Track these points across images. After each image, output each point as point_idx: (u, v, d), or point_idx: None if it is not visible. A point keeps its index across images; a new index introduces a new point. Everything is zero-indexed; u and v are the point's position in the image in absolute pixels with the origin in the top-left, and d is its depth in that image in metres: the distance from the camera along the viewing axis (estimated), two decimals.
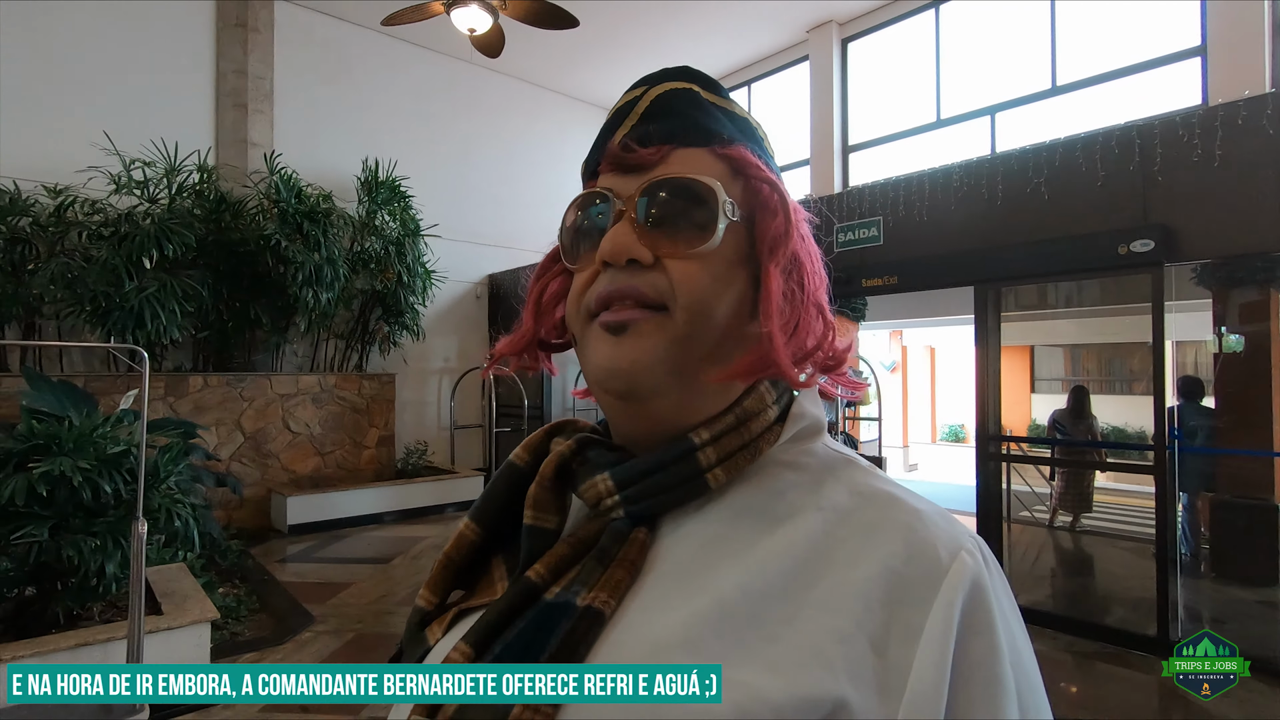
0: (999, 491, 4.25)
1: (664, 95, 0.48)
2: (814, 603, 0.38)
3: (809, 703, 0.35)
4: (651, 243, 0.44)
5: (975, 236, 4.28)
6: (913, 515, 0.41)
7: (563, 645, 0.39)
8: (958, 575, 0.38)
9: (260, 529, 6.25)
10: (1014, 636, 0.40)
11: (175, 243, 5.52)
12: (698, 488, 0.43)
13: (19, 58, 5.92)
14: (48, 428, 3.12)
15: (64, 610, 3.02)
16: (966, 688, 0.37)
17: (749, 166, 0.46)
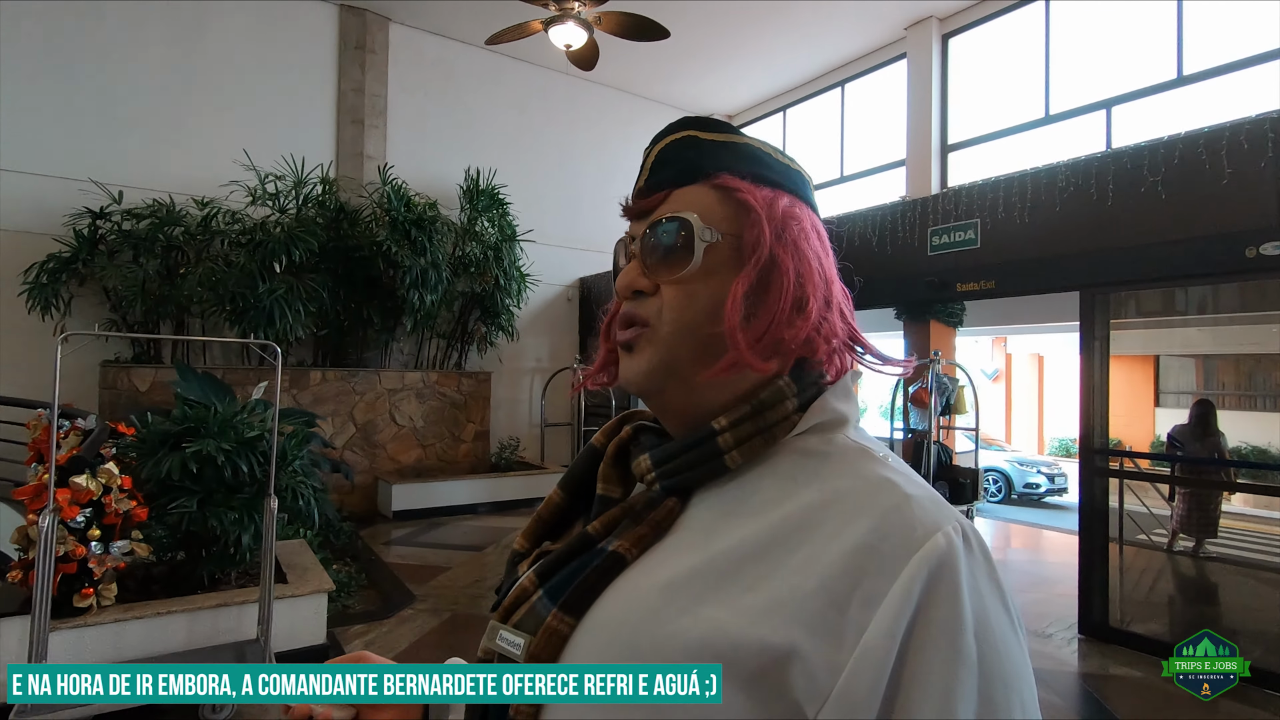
0: (1104, 509, 4.00)
1: (666, 148, 0.58)
2: (790, 566, 0.44)
3: (764, 645, 0.41)
4: (651, 273, 0.54)
5: (1081, 239, 4.06)
6: (901, 499, 0.45)
7: (590, 579, 0.49)
8: (929, 551, 0.42)
9: (368, 513, 6.75)
10: (986, 615, 0.42)
11: (301, 249, 6.08)
12: (718, 467, 0.51)
13: (172, 87, 6.69)
14: (197, 413, 3.55)
15: (208, 574, 3.43)
16: (921, 653, 0.40)
17: (732, 190, 0.54)
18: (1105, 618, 3.98)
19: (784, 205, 0.55)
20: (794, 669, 0.41)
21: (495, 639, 0.52)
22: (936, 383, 6.94)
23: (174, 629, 3.08)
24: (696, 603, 0.45)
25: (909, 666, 0.40)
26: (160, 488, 3.33)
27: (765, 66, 8.88)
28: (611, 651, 0.46)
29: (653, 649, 0.44)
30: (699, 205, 0.54)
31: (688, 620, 0.44)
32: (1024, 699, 0.42)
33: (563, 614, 0.48)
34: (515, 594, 0.54)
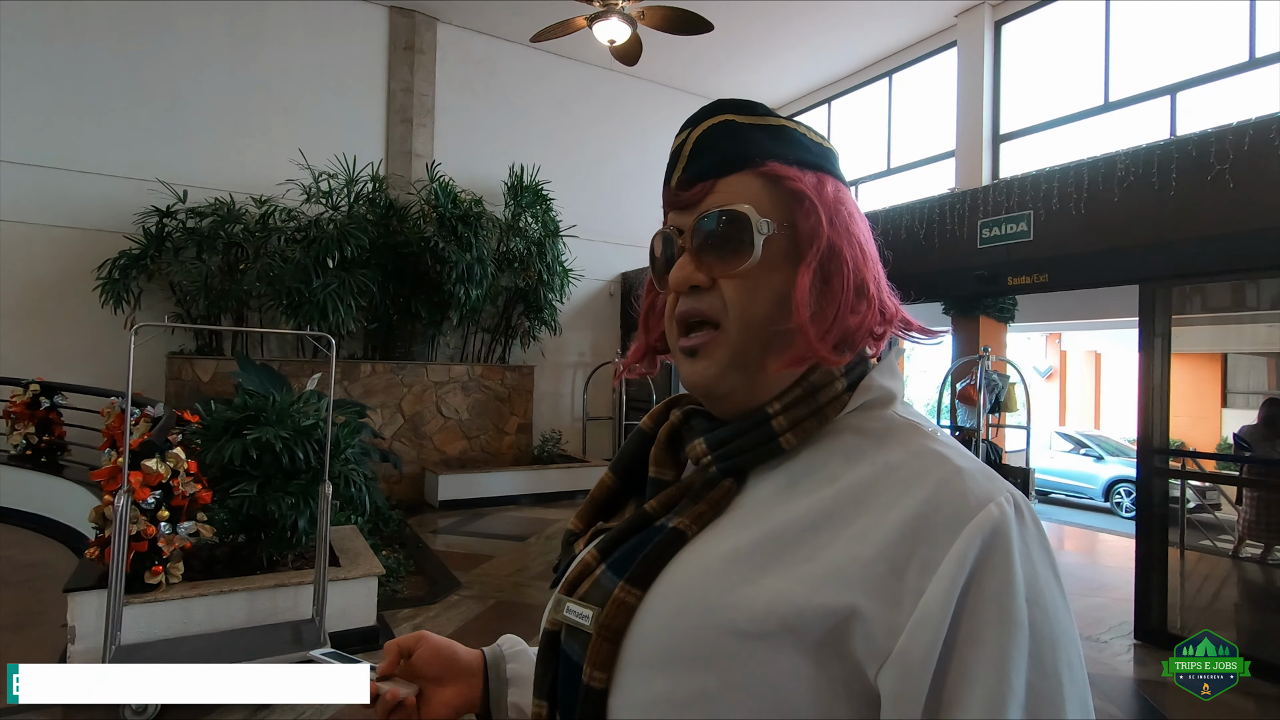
0: (1163, 511, 3.86)
1: (703, 135, 0.56)
2: (847, 536, 0.46)
3: (825, 609, 0.43)
4: (706, 268, 0.54)
5: (1142, 231, 3.90)
6: (953, 471, 0.46)
7: (653, 553, 0.51)
8: (982, 520, 0.43)
9: (416, 502, 6.93)
10: (1037, 581, 0.44)
11: (353, 245, 6.28)
12: (773, 449, 0.53)
13: (233, 91, 6.97)
14: (256, 402, 3.71)
15: (266, 556, 3.59)
16: (976, 616, 0.42)
17: (782, 179, 0.54)
18: (1164, 623, 3.84)
19: (831, 190, 0.55)
20: (855, 631, 0.43)
21: (563, 611, 0.55)
22: (986, 380, 6.76)
23: (235, 607, 3.24)
24: (759, 573, 0.47)
25: (964, 629, 0.41)
26: (223, 472, 3.50)
27: (811, 58, 8.75)
28: (679, 621, 0.48)
29: (716, 619, 0.46)
30: (750, 196, 0.53)
31: (751, 590, 0.46)
32: (1071, 662, 0.43)
33: (630, 586, 0.50)
34: (578, 569, 0.57)
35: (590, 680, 0.49)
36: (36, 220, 6.14)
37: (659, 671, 0.47)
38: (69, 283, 6.19)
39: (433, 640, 0.70)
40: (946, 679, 0.41)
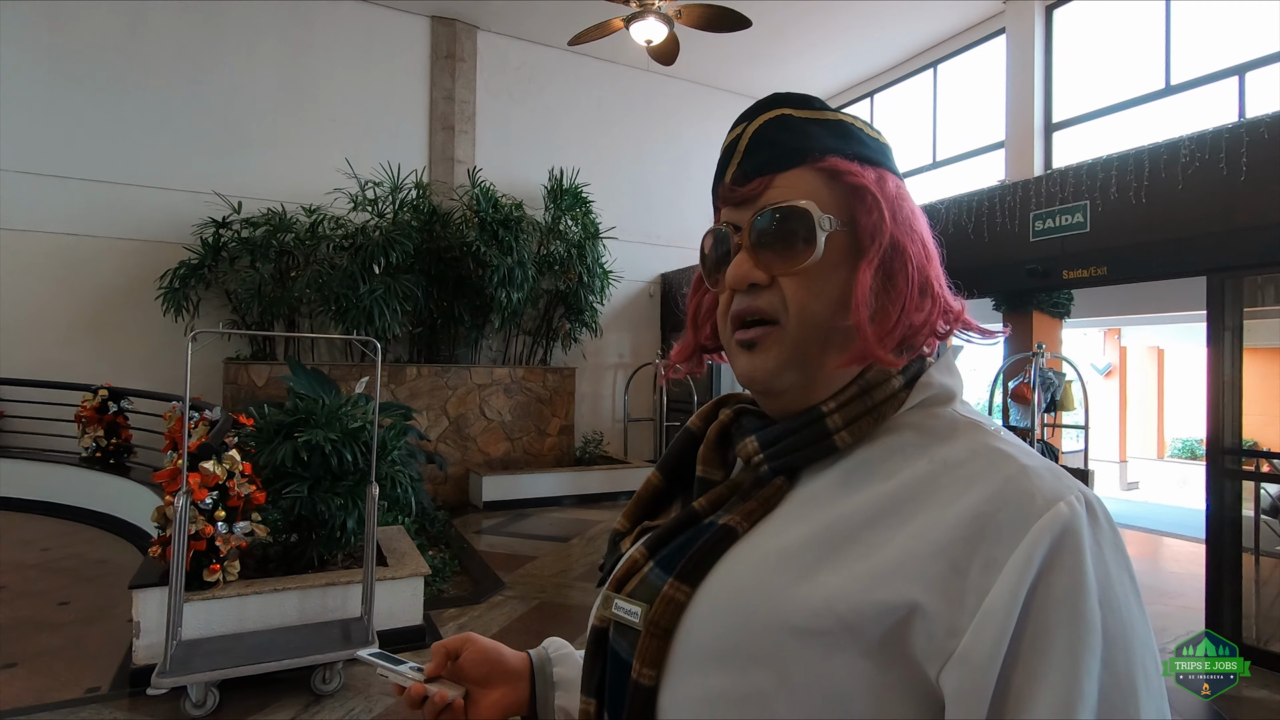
0: (1235, 515, 3.65)
1: (759, 129, 0.55)
2: (905, 533, 0.44)
3: (884, 606, 0.42)
4: (765, 265, 0.52)
5: (1209, 219, 3.70)
6: (1018, 469, 0.44)
7: (703, 550, 0.50)
8: (1052, 519, 0.41)
9: (460, 503, 7.04)
10: (1110, 583, 0.41)
11: (398, 251, 6.42)
12: (827, 447, 0.51)
13: (284, 104, 7.20)
14: (306, 405, 3.82)
15: (317, 555, 3.68)
16: (1044, 616, 0.40)
17: (842, 174, 0.52)
18: (1237, 632, 3.63)
19: (892, 186, 0.53)
20: (915, 629, 0.41)
21: (611, 608, 0.54)
22: (1040, 378, 6.52)
23: (288, 605, 3.33)
24: (813, 570, 0.45)
25: (1031, 629, 0.39)
26: (275, 474, 3.60)
27: (851, 51, 8.60)
28: (732, 618, 0.46)
29: (771, 615, 0.45)
30: (810, 191, 0.52)
31: (806, 587, 0.44)
32: (1147, 669, 0.41)
33: (679, 583, 0.49)
34: (626, 566, 0.56)
35: (640, 677, 0.48)
36: (103, 234, 6.45)
37: (711, 669, 0.46)
38: (133, 292, 6.49)
39: (479, 642, 0.70)
40: (1012, 680, 0.39)
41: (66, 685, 3.02)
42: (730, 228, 0.55)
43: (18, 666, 3.17)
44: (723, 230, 0.56)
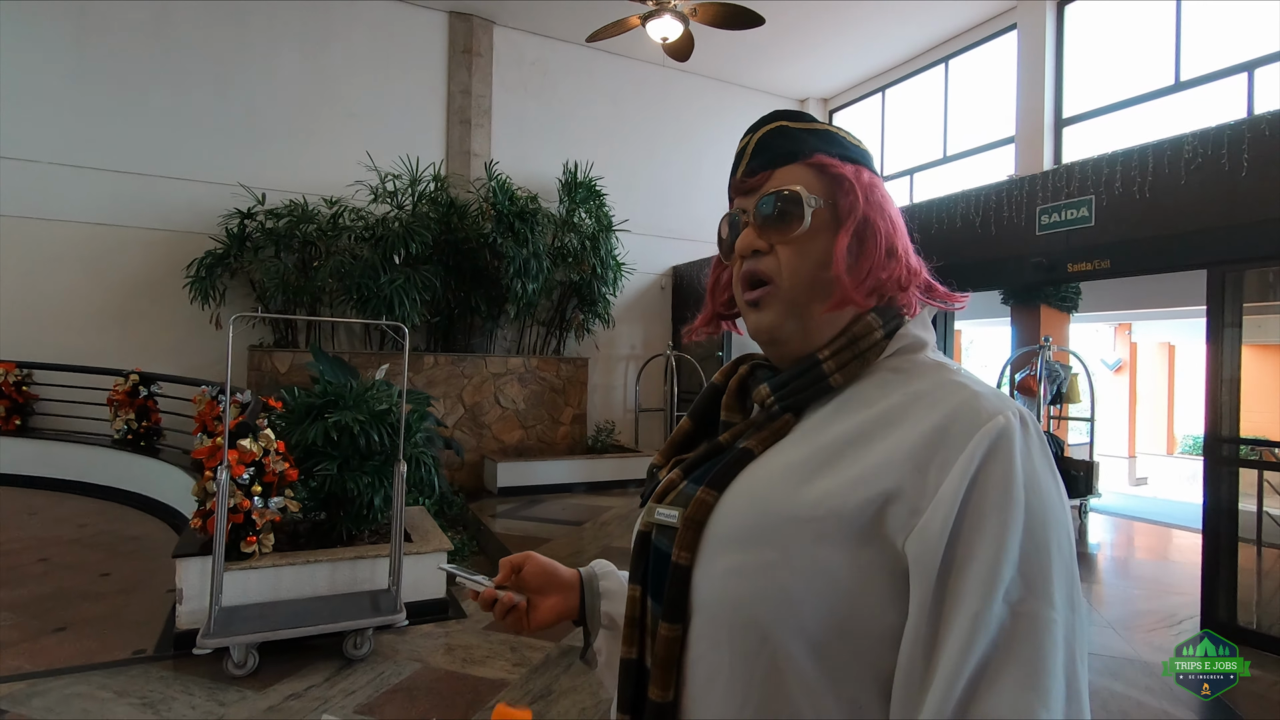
0: (1232, 502, 3.75)
1: (763, 137, 0.69)
2: (884, 446, 0.57)
3: (865, 500, 0.54)
4: (766, 236, 0.66)
5: (1210, 214, 3.79)
6: (970, 394, 0.57)
7: (726, 467, 0.64)
8: (991, 427, 0.53)
9: (476, 488, 7.22)
10: (1035, 474, 0.53)
11: (417, 242, 6.58)
12: (824, 387, 0.64)
13: (305, 98, 7.37)
14: (336, 388, 3.99)
15: (345, 531, 3.86)
16: (983, 498, 0.51)
17: (826, 167, 0.66)
18: (1233, 617, 3.75)
19: (866, 177, 0.68)
20: (888, 513, 0.54)
21: (653, 515, 0.68)
22: (1047, 370, 6.63)
23: (319, 576, 3.51)
24: (811, 477, 0.59)
25: (972, 507, 0.52)
26: (306, 453, 3.78)
27: (863, 47, 8.67)
28: (748, 514, 0.60)
29: (779, 510, 0.58)
30: (801, 180, 0.66)
31: (805, 489, 0.58)
32: (1060, 539, 0.53)
33: (709, 489, 0.63)
34: (665, 484, 0.70)
35: (678, 559, 0.62)
36: (132, 224, 6.65)
37: (732, 549, 0.60)
38: (161, 281, 6.69)
39: (538, 559, 0.84)
40: (958, 544, 0.51)
41: (114, 647, 3.21)
42: (741, 212, 0.70)
43: (67, 630, 3.37)
44: (735, 215, 0.71)
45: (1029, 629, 0.50)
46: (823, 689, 0.55)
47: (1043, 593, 0.51)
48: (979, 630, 0.49)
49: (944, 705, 0.49)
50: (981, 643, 0.49)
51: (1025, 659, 0.49)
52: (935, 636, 0.51)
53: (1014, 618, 0.50)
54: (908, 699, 0.52)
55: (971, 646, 0.49)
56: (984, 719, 0.48)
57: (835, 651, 0.54)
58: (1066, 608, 0.51)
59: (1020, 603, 0.50)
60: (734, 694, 0.58)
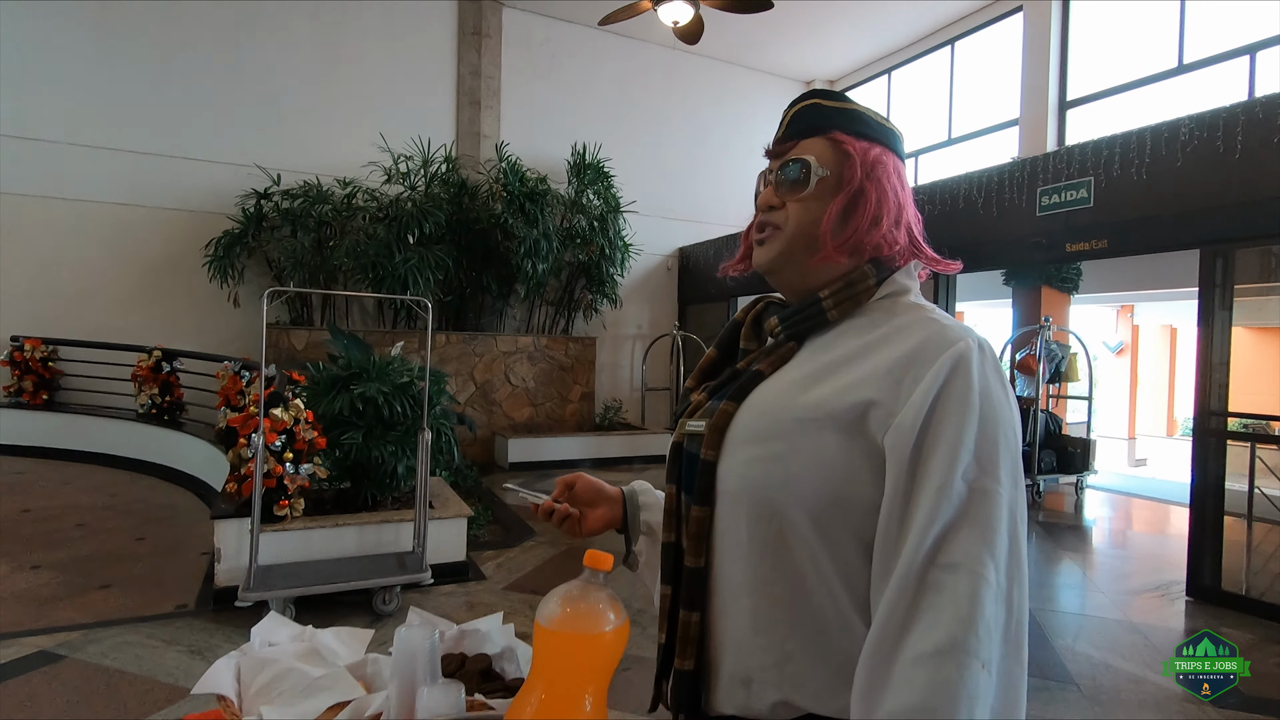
0: (1219, 472, 3.91)
1: (797, 112, 0.83)
2: (868, 365, 0.72)
3: (853, 403, 0.68)
4: (780, 194, 0.80)
5: (1204, 195, 3.91)
6: (940, 327, 0.72)
7: (743, 385, 0.80)
8: (954, 350, 0.67)
9: (487, 463, 7.42)
10: (988, 386, 0.66)
11: (430, 223, 6.72)
12: (822, 320, 0.79)
13: (318, 80, 7.47)
14: (360, 361, 4.15)
15: (370, 496, 4.05)
16: (946, 401, 0.65)
17: (840, 142, 0.79)
18: (1217, 580, 3.92)
19: (875, 153, 0.81)
20: (870, 415, 0.69)
21: (685, 428, 0.84)
22: (1046, 350, 6.76)
23: (347, 538, 3.70)
24: (811, 388, 0.74)
25: (937, 408, 0.67)
26: (332, 423, 3.95)
27: (870, 29, 8.71)
28: (762, 419, 0.76)
29: (785, 413, 0.74)
30: (816, 151, 0.80)
31: (805, 396, 0.74)
32: (1007, 434, 0.68)
33: (730, 402, 0.79)
34: (695, 404, 0.86)
35: (705, 456, 0.78)
36: (152, 204, 6.80)
37: (748, 445, 0.75)
38: (180, 260, 6.85)
39: (587, 478, 1.01)
40: (926, 436, 0.66)
41: (157, 602, 3.41)
42: (770, 172, 0.85)
43: (111, 588, 3.57)
44: (765, 173, 0.86)
45: (981, 499, 0.65)
46: (820, 550, 0.71)
47: (992, 473, 0.66)
48: (942, 499, 0.65)
49: (916, 554, 0.64)
50: (944, 509, 0.64)
51: (978, 520, 0.64)
52: (907, 505, 0.66)
53: (970, 491, 0.65)
54: (886, 553, 0.67)
55: (937, 512, 0.64)
56: (946, 563, 0.64)
57: (829, 520, 0.70)
58: (1010, 484, 0.67)
59: (975, 480, 0.65)
60: (751, 556, 0.74)
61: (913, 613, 0.62)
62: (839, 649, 0.70)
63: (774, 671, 0.72)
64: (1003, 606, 0.63)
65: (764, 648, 0.73)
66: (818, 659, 0.71)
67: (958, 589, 0.62)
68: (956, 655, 0.60)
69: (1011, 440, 0.68)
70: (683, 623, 0.78)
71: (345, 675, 0.91)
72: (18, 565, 3.79)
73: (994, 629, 0.62)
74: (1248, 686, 2.94)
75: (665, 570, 0.84)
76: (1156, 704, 2.75)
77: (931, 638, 0.61)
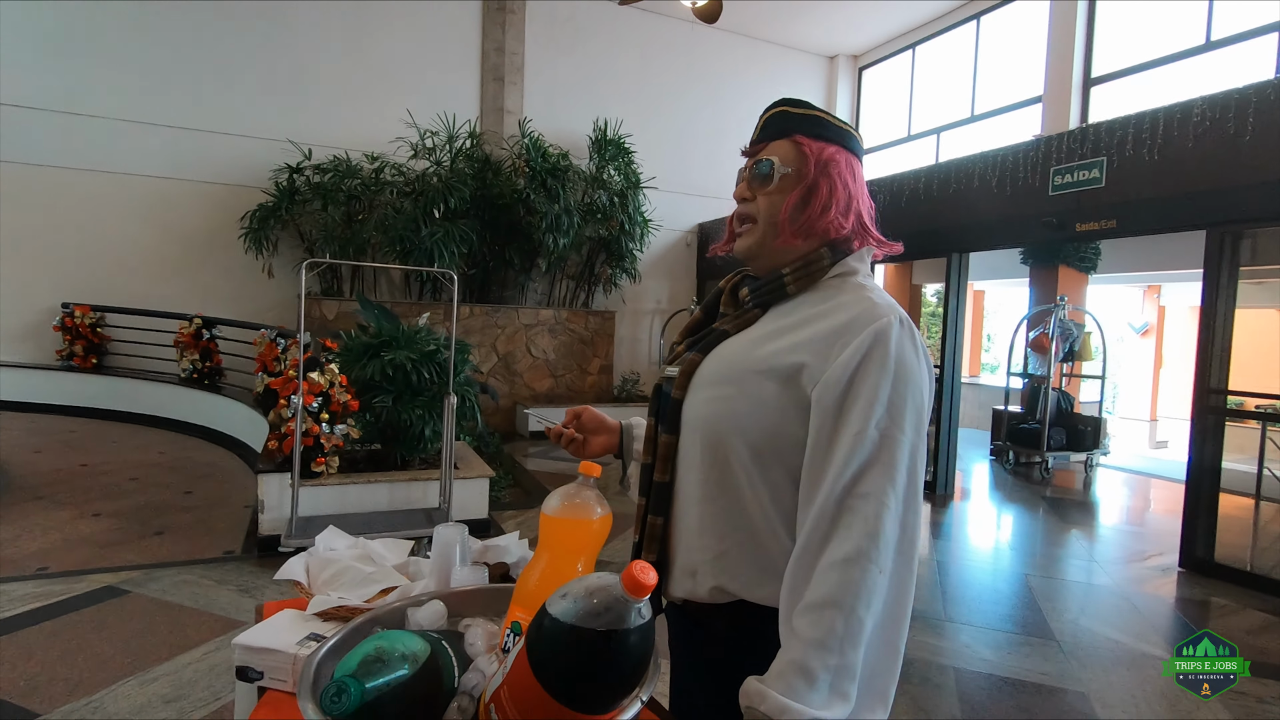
0: (1216, 448, 4.02)
1: (768, 117, 0.98)
2: (810, 331, 0.89)
3: (792, 362, 0.84)
4: (752, 189, 0.96)
5: (1213, 176, 3.96)
6: (871, 304, 0.88)
7: (709, 340, 0.98)
8: (879, 324, 0.82)
9: (508, 432, 7.69)
10: (903, 354, 0.82)
11: (455, 198, 6.92)
12: (783, 293, 0.97)
13: (347, 56, 7.65)
14: (389, 329, 4.40)
15: (399, 456, 4.32)
16: (868, 364, 0.81)
17: (800, 144, 0.94)
18: (1210, 552, 4.05)
19: (830, 152, 0.97)
20: (803, 373, 0.87)
21: (665, 372, 1.03)
22: (1060, 328, 6.81)
23: (379, 495, 3.98)
24: (762, 344, 0.92)
25: (859, 370, 0.84)
26: (364, 387, 4.21)
27: (894, 3, 8.64)
28: (720, 367, 0.95)
29: (739, 367, 0.93)
30: (780, 152, 0.97)
31: (757, 352, 0.92)
32: (915, 394, 0.84)
33: (698, 354, 0.98)
34: (675, 354, 1.05)
35: (674, 395, 0.97)
36: (191, 177, 7.09)
37: (707, 387, 0.95)
38: (218, 232, 7.15)
39: (592, 410, 1.20)
40: (849, 391, 0.84)
41: (206, 548, 3.72)
42: (746, 169, 1.02)
43: (165, 534, 3.89)
44: (741, 170, 1.04)
45: (888, 444, 0.83)
46: (755, 472, 0.90)
47: (898, 423, 0.84)
48: (859, 443, 0.83)
49: (835, 484, 0.82)
50: (860, 450, 0.82)
51: (884, 461, 0.82)
52: (830, 445, 0.84)
53: (880, 437, 0.83)
54: (810, 482, 0.85)
55: (854, 452, 0.82)
56: (859, 492, 0.82)
57: (764, 451, 0.89)
58: (913, 432, 0.84)
59: (885, 428, 0.83)
60: (702, 474, 0.93)
61: (832, 529, 0.81)
62: (765, 550, 0.89)
63: (713, 564, 0.92)
64: (898, 526, 0.81)
65: (706, 546, 0.93)
66: (748, 556, 0.90)
67: (866, 512, 0.80)
68: (861, 562, 0.78)
69: (918, 397, 0.86)
70: (650, 525, 0.99)
71: (392, 571, 1.14)
72: (81, 513, 4.14)
73: (890, 543, 0.80)
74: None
75: (642, 485, 1.04)
76: (1131, 661, 2.93)
77: (843, 548, 0.79)
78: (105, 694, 2.31)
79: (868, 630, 0.77)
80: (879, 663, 0.79)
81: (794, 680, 0.74)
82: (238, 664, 0.96)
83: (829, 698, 0.74)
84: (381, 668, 0.61)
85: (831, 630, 0.75)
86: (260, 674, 0.95)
